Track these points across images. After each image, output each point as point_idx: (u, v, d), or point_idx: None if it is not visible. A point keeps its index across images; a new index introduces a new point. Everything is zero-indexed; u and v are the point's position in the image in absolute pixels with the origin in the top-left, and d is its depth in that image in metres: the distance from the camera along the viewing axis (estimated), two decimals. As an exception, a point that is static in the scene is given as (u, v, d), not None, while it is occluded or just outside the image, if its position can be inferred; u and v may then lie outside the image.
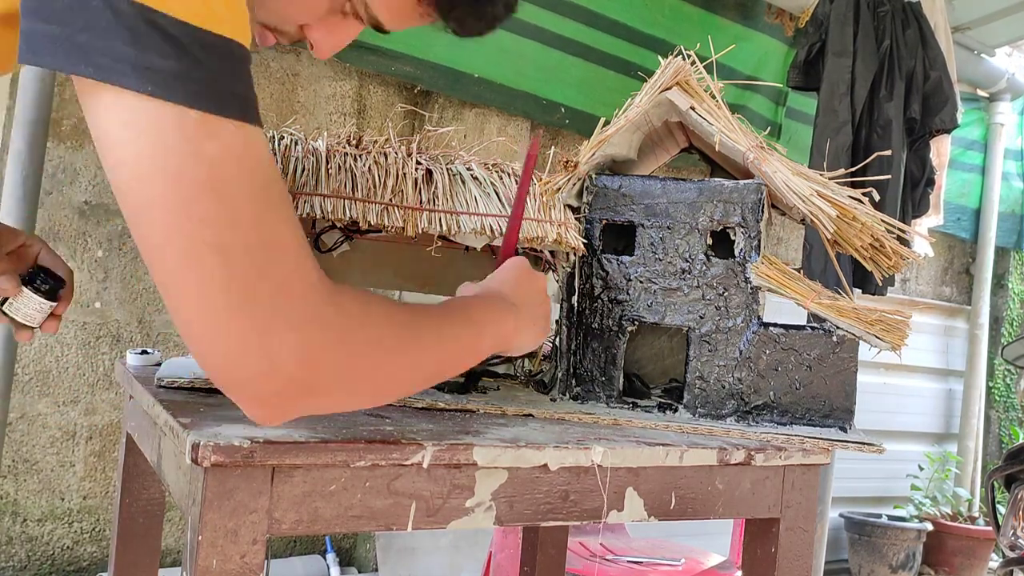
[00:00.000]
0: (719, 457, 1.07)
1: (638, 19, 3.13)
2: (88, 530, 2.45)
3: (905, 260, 1.25)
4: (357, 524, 0.85)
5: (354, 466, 0.84)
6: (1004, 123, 4.57)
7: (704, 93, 1.32)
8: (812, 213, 1.22)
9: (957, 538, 4.20)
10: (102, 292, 2.42)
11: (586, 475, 0.98)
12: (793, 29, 3.47)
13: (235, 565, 0.77)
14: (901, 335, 1.18)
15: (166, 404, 0.96)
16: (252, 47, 0.65)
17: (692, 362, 1.27)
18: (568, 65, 3.02)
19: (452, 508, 0.90)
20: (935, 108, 2.88)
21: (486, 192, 1.28)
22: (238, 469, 0.77)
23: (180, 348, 2.53)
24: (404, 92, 2.91)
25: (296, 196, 1.15)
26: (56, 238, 2.36)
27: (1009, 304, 4.99)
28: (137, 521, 1.43)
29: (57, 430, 2.39)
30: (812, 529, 1.16)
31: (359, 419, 0.99)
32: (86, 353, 2.41)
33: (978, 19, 3.78)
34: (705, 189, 1.29)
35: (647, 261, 1.30)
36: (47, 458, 2.38)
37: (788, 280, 1.24)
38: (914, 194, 2.97)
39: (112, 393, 2.44)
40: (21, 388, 2.33)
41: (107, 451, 2.44)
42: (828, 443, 1.17)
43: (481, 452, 0.90)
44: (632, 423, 1.19)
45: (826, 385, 1.23)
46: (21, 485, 2.35)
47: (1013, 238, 4.89)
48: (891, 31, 2.83)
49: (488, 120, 3.00)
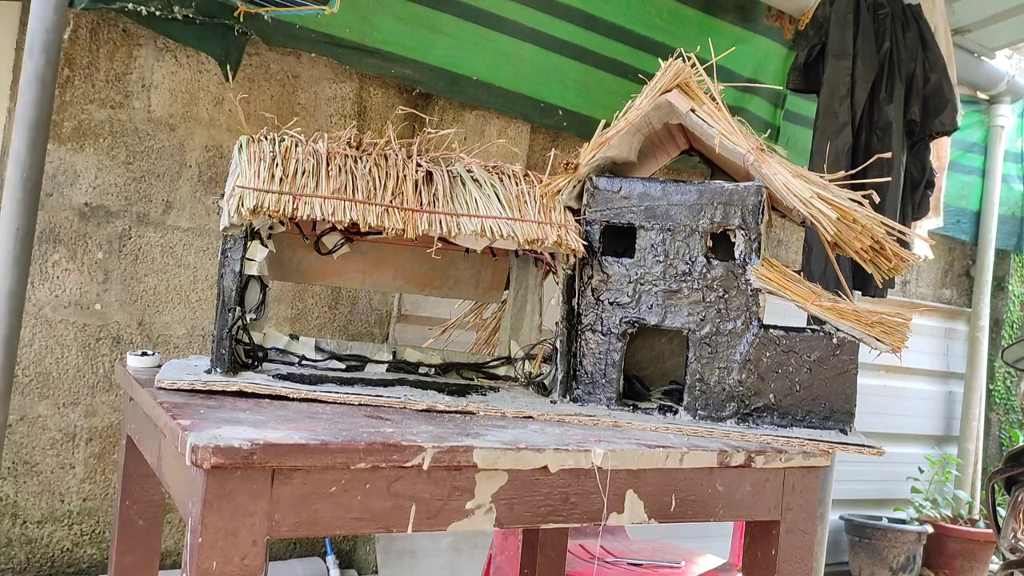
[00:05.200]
0: (719, 459, 1.07)
1: (637, 22, 3.13)
2: (88, 532, 2.45)
3: (905, 262, 1.25)
4: (357, 526, 0.85)
5: (354, 468, 0.84)
6: (1004, 125, 4.57)
7: (704, 95, 1.32)
8: (812, 215, 1.22)
9: (957, 541, 4.20)
10: (102, 294, 2.42)
11: (586, 477, 0.98)
12: (793, 31, 3.47)
13: (235, 567, 0.77)
14: (901, 337, 1.18)
15: (166, 406, 0.96)
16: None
17: (692, 364, 1.27)
18: (566, 68, 3.02)
19: (452, 510, 0.90)
20: (935, 110, 2.88)
21: (486, 194, 1.28)
22: (238, 471, 0.77)
23: (180, 350, 2.53)
24: (404, 94, 2.91)
25: (296, 198, 1.15)
26: (56, 240, 2.36)
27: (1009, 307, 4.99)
28: (137, 523, 1.43)
29: (57, 432, 2.39)
30: (812, 531, 1.16)
31: (359, 421, 0.99)
32: (86, 355, 2.41)
33: (978, 21, 3.78)
34: (705, 191, 1.29)
35: (647, 263, 1.30)
36: (47, 460, 2.38)
37: (788, 282, 1.24)
38: (914, 196, 2.97)
39: (112, 395, 2.44)
40: (21, 390, 2.33)
41: (107, 453, 2.44)
42: (828, 445, 1.17)
43: (481, 454, 0.90)
44: (632, 425, 1.19)
45: (826, 387, 1.23)
46: (21, 487, 2.35)
47: (1013, 240, 4.88)
48: (891, 33, 2.83)
49: (488, 122, 3.00)
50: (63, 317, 2.38)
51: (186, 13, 2.29)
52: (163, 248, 2.50)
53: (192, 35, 2.35)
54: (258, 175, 1.17)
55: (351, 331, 2.83)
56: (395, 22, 2.64)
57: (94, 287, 2.41)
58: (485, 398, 1.25)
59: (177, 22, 2.30)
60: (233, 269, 1.20)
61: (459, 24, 2.76)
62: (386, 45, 2.64)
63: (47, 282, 2.36)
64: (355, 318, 2.84)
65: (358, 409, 1.09)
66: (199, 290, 2.55)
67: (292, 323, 2.72)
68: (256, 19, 2.39)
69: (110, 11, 2.26)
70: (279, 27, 2.44)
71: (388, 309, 2.89)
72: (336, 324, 2.80)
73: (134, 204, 2.46)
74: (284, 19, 2.44)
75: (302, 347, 1.43)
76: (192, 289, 2.54)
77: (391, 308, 2.89)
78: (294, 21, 2.46)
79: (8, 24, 2.31)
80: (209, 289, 2.57)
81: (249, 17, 2.37)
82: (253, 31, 2.42)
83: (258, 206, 1.12)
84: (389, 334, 2.87)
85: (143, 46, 2.45)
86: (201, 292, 2.55)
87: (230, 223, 1.18)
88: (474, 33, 2.79)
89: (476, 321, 1.77)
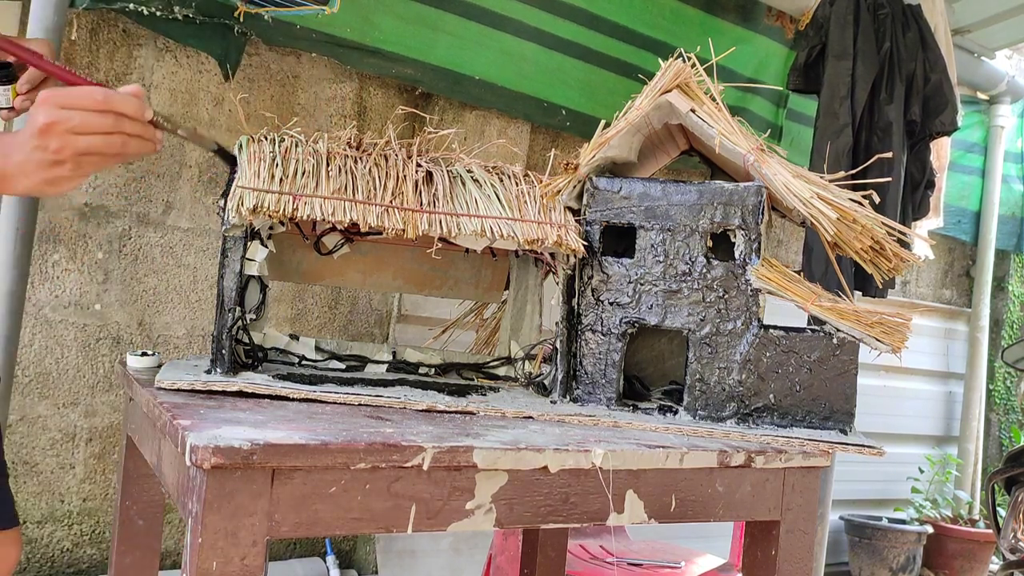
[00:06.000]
0: (719, 459, 1.07)
1: (639, 21, 3.13)
2: (88, 532, 2.45)
3: (905, 262, 1.25)
4: (357, 526, 0.85)
5: (354, 468, 0.84)
6: (1004, 126, 4.57)
7: (704, 95, 1.32)
8: (812, 215, 1.22)
9: (957, 541, 4.20)
10: (102, 294, 2.42)
11: (586, 477, 0.98)
12: (793, 31, 3.47)
13: (235, 567, 0.77)
14: (901, 337, 1.18)
15: (166, 406, 0.96)
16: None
17: (692, 364, 1.27)
18: (569, 67, 3.02)
19: (452, 510, 0.90)
20: (935, 111, 2.88)
21: (486, 194, 1.28)
22: (238, 471, 0.77)
23: (180, 351, 2.53)
24: (404, 94, 2.91)
25: (296, 198, 1.15)
26: (56, 240, 2.36)
27: (1009, 307, 4.99)
28: (137, 523, 1.43)
29: (57, 432, 2.39)
30: (812, 531, 1.16)
31: (359, 421, 0.99)
32: (86, 355, 2.41)
33: (978, 22, 3.78)
34: (705, 191, 1.29)
35: (647, 263, 1.30)
36: (47, 460, 2.38)
37: (788, 282, 1.24)
38: (914, 196, 2.97)
39: (112, 395, 2.44)
40: (21, 390, 2.33)
41: (107, 453, 2.44)
42: (828, 445, 1.17)
43: (481, 454, 0.90)
44: (632, 425, 1.19)
45: (826, 387, 1.23)
46: (21, 487, 2.35)
47: (1013, 241, 4.88)
48: (891, 34, 2.83)
49: (489, 122, 3.00)
50: (63, 317, 2.38)
51: (186, 13, 2.29)
52: (163, 248, 2.50)
53: (192, 35, 2.35)
54: (258, 175, 1.17)
55: (351, 331, 2.83)
56: (396, 21, 2.63)
57: (94, 287, 2.41)
58: (485, 398, 1.25)
59: (177, 22, 2.30)
60: (233, 269, 1.20)
61: (462, 23, 2.75)
62: (387, 45, 2.64)
63: (47, 282, 2.36)
64: (355, 318, 2.84)
65: (358, 409, 1.09)
66: (199, 290, 2.55)
67: (292, 323, 2.72)
68: (256, 19, 2.39)
69: (110, 11, 2.26)
70: (279, 27, 2.44)
71: (388, 309, 2.89)
72: (336, 324, 2.80)
73: (134, 204, 2.46)
74: (284, 19, 2.44)
75: (302, 347, 1.43)
76: (192, 289, 2.54)
77: (391, 308, 2.88)
78: (294, 21, 2.46)
79: (8, 24, 2.31)
80: (209, 289, 2.57)
81: (249, 17, 2.37)
82: (253, 31, 2.42)
83: (258, 206, 1.12)
84: (389, 334, 2.87)
85: (143, 46, 2.45)
86: (201, 292, 2.55)
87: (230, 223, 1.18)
88: (477, 32, 2.79)
89: (476, 321, 1.77)
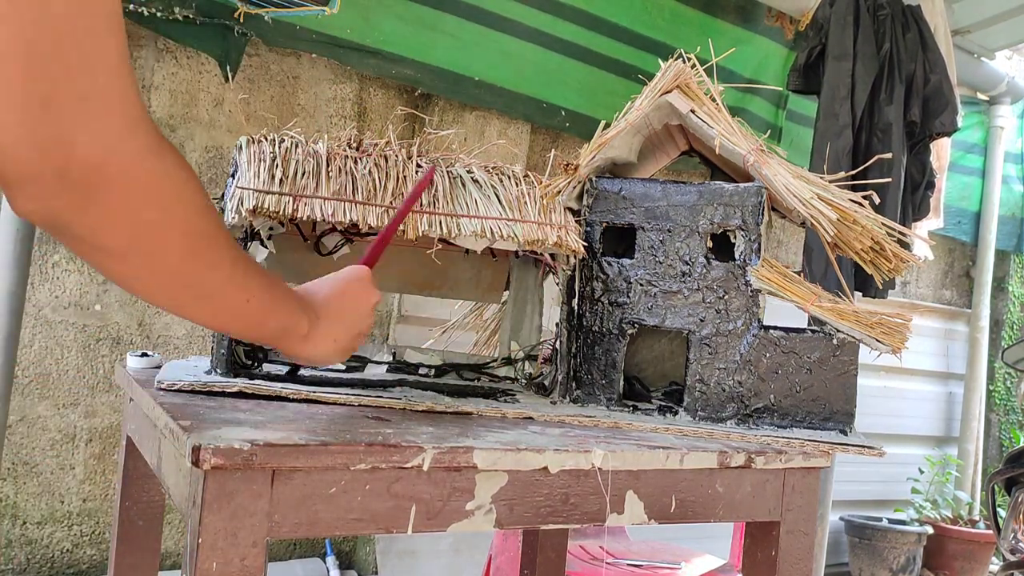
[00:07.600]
0: (719, 460, 1.07)
1: (638, 22, 3.13)
2: (88, 533, 2.45)
3: (905, 263, 1.25)
4: (357, 527, 0.85)
5: (354, 469, 0.84)
6: (1004, 126, 4.57)
7: (704, 96, 1.32)
8: (812, 216, 1.22)
9: (957, 541, 4.19)
10: (102, 295, 2.42)
11: (586, 478, 0.98)
12: (793, 32, 3.47)
13: (235, 568, 0.77)
14: (901, 338, 1.18)
15: (166, 407, 0.96)
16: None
17: (692, 365, 1.27)
18: (569, 68, 3.02)
19: (452, 511, 0.90)
20: (935, 111, 2.88)
21: (486, 195, 1.28)
22: (238, 472, 0.77)
23: (180, 351, 2.53)
24: (404, 95, 2.91)
25: (296, 199, 1.15)
26: (56, 240, 2.36)
27: (1009, 307, 4.99)
28: (137, 524, 1.42)
29: (57, 433, 2.39)
30: (812, 532, 1.16)
31: (359, 422, 0.99)
32: (86, 356, 2.41)
33: (978, 22, 3.78)
34: (705, 192, 1.29)
35: (647, 264, 1.30)
36: (47, 461, 2.38)
37: (788, 283, 1.24)
38: (914, 197, 2.97)
39: (112, 396, 2.44)
40: (21, 391, 2.33)
41: (107, 454, 2.44)
42: (828, 446, 1.17)
43: (481, 455, 0.90)
44: (632, 426, 1.19)
45: (826, 388, 1.23)
46: (21, 488, 2.35)
47: (1013, 241, 4.89)
48: (891, 34, 2.83)
49: (488, 123, 3.01)
50: (63, 318, 2.38)
51: (186, 14, 2.29)
52: (163, 249, 2.50)
53: (192, 36, 2.35)
54: (258, 176, 1.17)
55: (351, 332, 2.82)
56: (396, 22, 2.64)
57: (94, 288, 2.41)
58: (485, 399, 1.25)
59: (177, 23, 2.30)
60: (233, 270, 1.20)
61: (461, 24, 2.76)
62: (387, 45, 2.64)
63: (47, 282, 2.36)
64: (355, 319, 2.83)
65: (358, 410, 1.09)
66: (199, 291, 2.55)
67: (292, 324, 2.71)
68: (256, 20, 2.39)
69: (110, 12, 2.26)
70: (279, 28, 2.44)
71: (388, 309, 2.89)
72: (336, 325, 2.80)
73: (134, 205, 2.45)
74: (284, 20, 2.44)
75: (302, 348, 1.42)
76: (192, 290, 2.54)
77: (391, 308, 2.88)
78: (294, 22, 2.46)
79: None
80: (209, 290, 2.57)
81: (249, 18, 2.37)
82: (253, 32, 2.42)
83: (258, 207, 1.12)
84: (389, 335, 2.87)
85: (143, 47, 2.45)
86: (201, 293, 2.55)
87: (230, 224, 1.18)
88: (477, 33, 2.79)
89: (476, 322, 1.77)
